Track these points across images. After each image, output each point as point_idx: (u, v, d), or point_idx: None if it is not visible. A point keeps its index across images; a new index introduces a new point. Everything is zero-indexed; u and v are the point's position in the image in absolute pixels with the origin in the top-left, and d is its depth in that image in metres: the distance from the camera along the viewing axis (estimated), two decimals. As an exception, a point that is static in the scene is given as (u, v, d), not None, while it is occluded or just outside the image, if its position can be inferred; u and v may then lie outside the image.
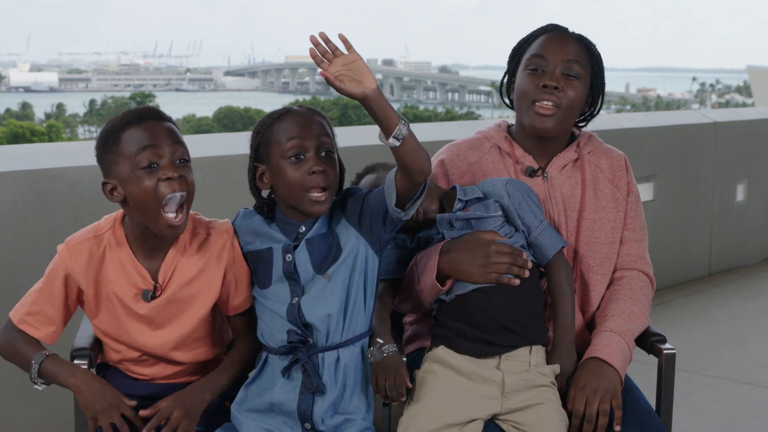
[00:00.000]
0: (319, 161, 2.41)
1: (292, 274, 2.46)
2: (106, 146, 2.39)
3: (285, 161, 2.42)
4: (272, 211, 2.53)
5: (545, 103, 2.64)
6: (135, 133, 2.36)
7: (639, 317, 2.65)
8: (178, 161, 2.38)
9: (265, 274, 2.49)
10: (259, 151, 2.47)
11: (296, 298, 2.45)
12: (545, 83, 2.64)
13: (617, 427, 2.43)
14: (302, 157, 2.41)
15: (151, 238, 2.44)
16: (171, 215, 2.36)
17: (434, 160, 2.81)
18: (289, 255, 2.46)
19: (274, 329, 2.48)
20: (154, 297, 2.46)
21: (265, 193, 2.55)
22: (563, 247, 2.57)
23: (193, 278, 2.47)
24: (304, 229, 2.47)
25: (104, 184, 2.41)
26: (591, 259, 2.71)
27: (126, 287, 2.46)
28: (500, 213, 2.55)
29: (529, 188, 2.61)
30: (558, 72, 2.65)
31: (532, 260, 2.53)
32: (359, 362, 2.48)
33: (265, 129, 2.46)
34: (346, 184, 2.59)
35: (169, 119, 2.44)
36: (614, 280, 2.73)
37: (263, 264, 2.49)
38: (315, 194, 2.40)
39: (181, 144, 2.41)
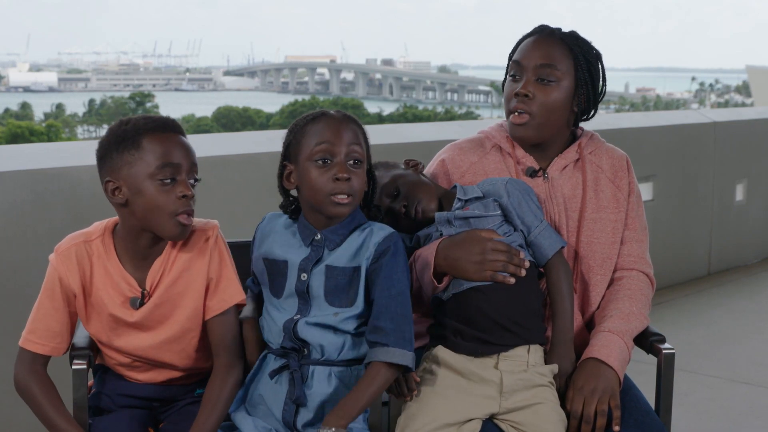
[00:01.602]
0: (345, 168, 2.37)
1: (303, 294, 2.42)
2: (123, 146, 2.36)
3: (311, 163, 2.38)
4: (297, 211, 2.50)
5: (517, 112, 2.66)
6: (158, 142, 2.35)
7: (638, 317, 2.65)
8: (192, 181, 2.39)
9: (279, 285, 2.46)
10: (289, 151, 2.45)
11: (299, 316, 2.42)
12: (517, 91, 2.66)
13: (616, 428, 2.43)
14: (329, 161, 2.38)
15: (142, 248, 2.43)
16: (184, 222, 2.38)
17: (435, 159, 2.81)
18: (305, 275, 2.42)
19: (273, 330, 2.46)
20: (142, 304, 2.44)
21: (293, 193, 2.51)
22: (563, 248, 2.57)
23: (178, 278, 2.45)
24: (319, 236, 2.43)
25: (108, 182, 2.38)
26: (591, 260, 2.71)
27: (113, 296, 2.44)
28: (499, 212, 2.55)
29: (529, 188, 2.61)
30: (532, 78, 2.66)
31: (530, 260, 2.53)
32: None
33: (298, 129, 2.44)
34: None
35: (185, 135, 2.44)
36: (614, 281, 2.73)
37: (278, 276, 2.46)
38: (339, 197, 2.37)
39: (196, 165, 2.42)
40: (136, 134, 2.36)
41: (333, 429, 2.27)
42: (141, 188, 2.34)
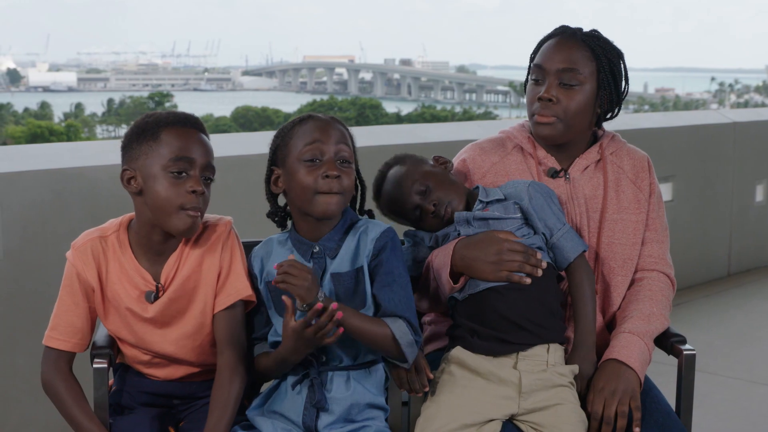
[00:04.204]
0: (334, 166, 2.39)
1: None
2: (142, 137, 2.40)
3: (300, 164, 2.41)
4: (284, 221, 2.54)
5: (542, 111, 2.64)
6: (176, 135, 2.38)
7: (658, 318, 2.64)
8: (205, 179, 2.41)
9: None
10: (277, 154, 2.48)
11: None
12: (540, 96, 2.65)
13: (636, 429, 2.42)
14: (318, 161, 2.40)
15: (155, 242, 2.45)
16: (192, 214, 2.38)
17: (456, 158, 2.81)
18: None
19: None
20: (157, 297, 2.46)
21: (281, 202, 2.54)
22: (584, 251, 2.56)
23: (192, 273, 2.47)
24: (318, 248, 2.45)
25: (125, 170, 2.42)
26: (612, 261, 2.69)
27: (129, 290, 2.46)
28: (519, 215, 2.54)
29: (551, 191, 2.60)
30: (555, 82, 2.64)
31: (548, 261, 2.52)
32: (373, 380, 2.45)
33: (285, 132, 2.47)
34: (369, 180, 2.57)
35: (207, 134, 2.46)
36: (635, 281, 2.72)
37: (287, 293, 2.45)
38: (325, 196, 2.38)
39: (213, 166, 2.43)
40: (156, 126, 2.40)
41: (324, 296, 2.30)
42: (153, 179, 2.37)
